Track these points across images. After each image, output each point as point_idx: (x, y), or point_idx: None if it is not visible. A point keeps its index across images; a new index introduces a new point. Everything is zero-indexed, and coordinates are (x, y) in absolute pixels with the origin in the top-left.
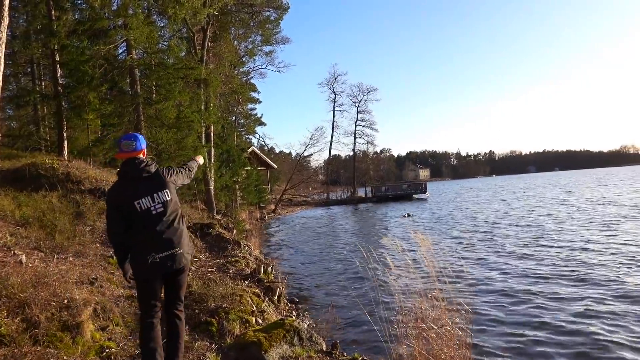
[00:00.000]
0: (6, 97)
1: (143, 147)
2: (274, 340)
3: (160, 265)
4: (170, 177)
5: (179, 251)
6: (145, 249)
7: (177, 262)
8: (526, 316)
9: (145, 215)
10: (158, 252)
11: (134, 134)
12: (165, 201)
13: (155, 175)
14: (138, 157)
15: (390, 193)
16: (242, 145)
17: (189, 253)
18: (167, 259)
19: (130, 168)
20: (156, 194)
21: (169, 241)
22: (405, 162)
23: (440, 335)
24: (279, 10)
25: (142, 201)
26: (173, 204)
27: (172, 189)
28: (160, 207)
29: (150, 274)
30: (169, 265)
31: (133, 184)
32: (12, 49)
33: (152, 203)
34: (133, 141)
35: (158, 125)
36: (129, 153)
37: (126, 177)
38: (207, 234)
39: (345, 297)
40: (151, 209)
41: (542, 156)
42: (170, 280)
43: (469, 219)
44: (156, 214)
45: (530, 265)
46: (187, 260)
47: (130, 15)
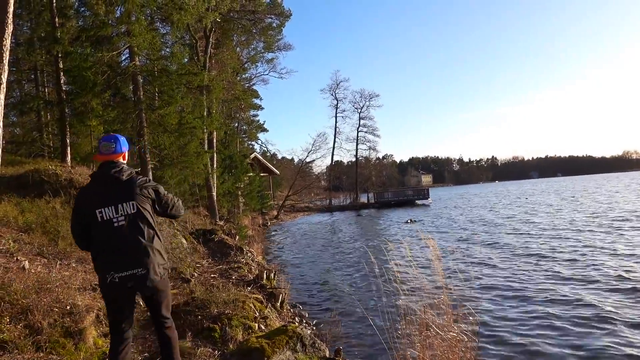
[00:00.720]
0: (10, 104)
1: (124, 149)
2: (276, 346)
3: (119, 286)
4: (144, 190)
5: (142, 272)
6: (104, 265)
7: (140, 284)
8: (535, 323)
9: (106, 226)
10: (117, 270)
11: (115, 135)
12: (129, 214)
13: (126, 183)
14: (116, 161)
15: (393, 199)
16: (244, 151)
17: (158, 274)
18: (127, 279)
19: (103, 171)
20: (120, 205)
21: (131, 259)
22: (408, 168)
23: (445, 341)
24: (281, 17)
25: (105, 211)
26: (140, 219)
27: (142, 202)
28: (122, 219)
29: (109, 294)
30: (129, 287)
31: (99, 190)
32: (16, 55)
33: (115, 214)
34: (113, 143)
35: (161, 131)
36: (107, 155)
37: (96, 181)
38: (209, 239)
39: (349, 303)
40: (113, 221)
41: (544, 162)
42: (147, 300)
43: (473, 224)
44: (117, 227)
45: (540, 270)
46: (155, 282)
47: (133, 22)
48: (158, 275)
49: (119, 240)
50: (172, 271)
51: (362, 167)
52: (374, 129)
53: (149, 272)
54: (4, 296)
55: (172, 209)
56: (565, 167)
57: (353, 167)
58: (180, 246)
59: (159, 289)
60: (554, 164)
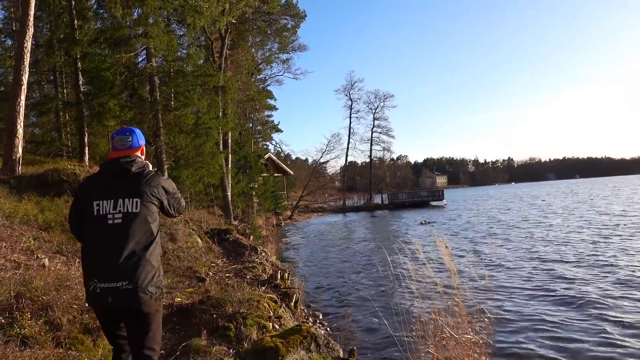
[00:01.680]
0: (30, 104)
1: (141, 143)
2: (291, 346)
3: (99, 298)
4: (154, 189)
5: (127, 286)
6: (89, 270)
7: (121, 300)
8: (552, 327)
9: (100, 222)
10: (101, 279)
11: (130, 128)
12: (129, 212)
13: (134, 176)
14: (132, 155)
15: (407, 200)
16: (258, 151)
17: (148, 293)
18: (108, 292)
19: (110, 162)
20: (122, 200)
21: (117, 268)
22: (422, 169)
23: (460, 343)
24: (296, 18)
25: (103, 204)
26: (141, 221)
27: (148, 202)
28: (119, 218)
29: (93, 306)
30: (109, 302)
31: (103, 181)
32: (36, 57)
33: (112, 210)
34: (129, 136)
35: (177, 131)
36: (123, 151)
37: (100, 172)
38: (224, 239)
39: (363, 303)
40: (107, 217)
41: (561, 163)
42: (127, 321)
43: (488, 226)
44: (112, 226)
45: (558, 272)
46: (142, 301)
47: (151, 24)
48: (147, 294)
49: (109, 242)
50: (187, 270)
51: (376, 168)
52: (388, 130)
53: (137, 288)
54: (25, 293)
55: (177, 210)
56: (584, 168)
57: (367, 167)
58: (196, 245)
59: (145, 311)
60: (571, 166)
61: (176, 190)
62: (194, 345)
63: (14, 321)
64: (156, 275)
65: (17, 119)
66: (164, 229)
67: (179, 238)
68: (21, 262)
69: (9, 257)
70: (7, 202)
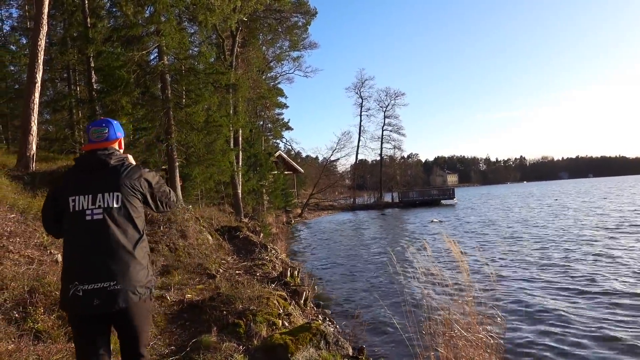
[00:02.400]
0: (44, 102)
1: (119, 135)
2: (300, 343)
3: (82, 302)
4: (135, 181)
5: (116, 287)
6: (69, 272)
7: (109, 302)
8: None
9: (76, 219)
10: (83, 281)
11: (107, 119)
12: (109, 207)
13: (112, 169)
14: (109, 148)
15: (418, 198)
16: (269, 149)
17: (137, 293)
18: (93, 294)
19: (86, 155)
20: (100, 195)
21: (101, 268)
22: (433, 167)
23: (470, 342)
24: (307, 16)
25: (79, 199)
26: (124, 217)
27: (129, 196)
28: (99, 213)
29: (71, 310)
30: (94, 305)
31: (79, 175)
32: (50, 55)
33: (90, 205)
34: (105, 127)
35: (188, 129)
36: (99, 144)
37: (77, 166)
38: (234, 236)
39: (372, 302)
40: (85, 212)
41: (574, 162)
42: (115, 325)
43: (499, 225)
44: (91, 222)
45: (570, 273)
46: (130, 302)
47: (163, 22)
48: (137, 295)
49: (90, 240)
50: (198, 267)
51: (387, 166)
52: (399, 128)
53: (126, 288)
54: (39, 287)
55: (167, 204)
56: (597, 167)
57: (377, 166)
58: (206, 242)
59: (135, 313)
60: (585, 165)
61: (162, 183)
62: (204, 342)
63: (27, 315)
64: (146, 274)
65: (31, 117)
66: (174, 225)
67: (189, 235)
68: (35, 258)
69: (23, 253)
70: (21, 198)
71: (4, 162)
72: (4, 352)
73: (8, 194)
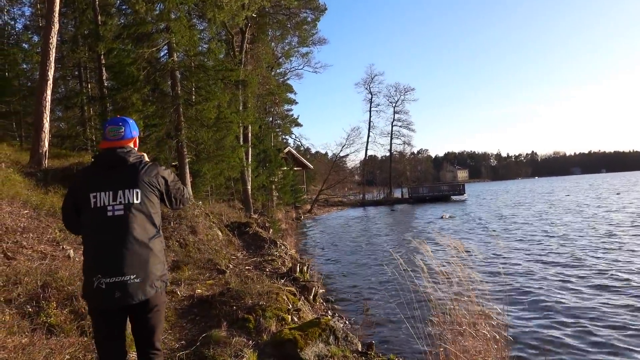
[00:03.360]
0: (55, 99)
1: (134, 134)
2: (309, 338)
3: (105, 294)
4: (153, 178)
5: (135, 280)
6: (91, 265)
7: (129, 294)
8: (570, 322)
9: (98, 215)
10: (105, 274)
11: (123, 118)
12: (130, 203)
13: (131, 167)
14: (125, 146)
15: (427, 194)
16: (278, 145)
17: (155, 287)
18: (114, 287)
19: (104, 153)
20: (121, 191)
21: (122, 262)
22: (443, 163)
23: (478, 337)
24: (316, 12)
25: (100, 196)
26: (144, 212)
27: (148, 192)
28: (120, 209)
29: (94, 303)
30: (116, 297)
31: (99, 172)
32: (61, 53)
33: (112, 201)
34: (121, 126)
35: (198, 125)
36: (115, 142)
37: (97, 162)
38: (244, 232)
39: (381, 298)
40: (107, 209)
41: (587, 157)
42: (133, 318)
43: (509, 221)
44: (112, 218)
45: (578, 270)
46: (150, 292)
47: (173, 19)
48: (154, 288)
49: (111, 235)
50: (208, 262)
51: (397, 162)
52: (408, 123)
53: (145, 281)
54: (51, 282)
55: (181, 201)
56: (611, 162)
57: (387, 161)
58: (216, 238)
59: (154, 305)
60: (597, 160)
61: (177, 180)
62: (214, 336)
63: (40, 310)
64: (162, 268)
65: (44, 114)
66: (185, 221)
67: (199, 231)
68: (47, 253)
69: (36, 248)
70: (34, 195)
71: (17, 159)
72: (18, 346)
73: (21, 191)
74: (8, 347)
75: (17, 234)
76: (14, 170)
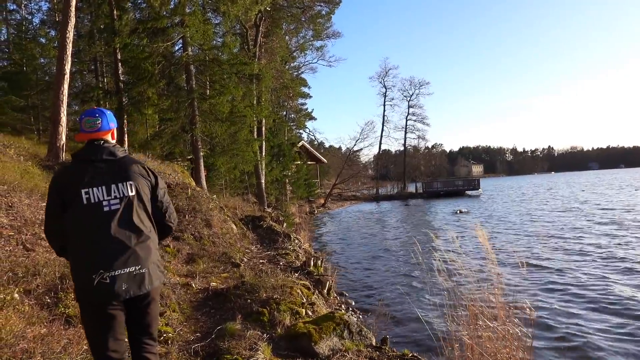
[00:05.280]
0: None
1: (112, 126)
2: (324, 332)
3: (110, 289)
4: (145, 170)
5: (141, 270)
6: (90, 262)
7: (137, 285)
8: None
9: (93, 211)
10: (109, 268)
11: (100, 109)
12: (125, 196)
13: (121, 160)
14: (103, 139)
15: (442, 189)
16: (292, 139)
17: (158, 277)
18: (121, 280)
19: (88, 147)
20: (114, 185)
21: (125, 255)
22: (458, 158)
23: (497, 334)
24: (330, 5)
25: (93, 191)
26: (140, 204)
27: (141, 184)
28: (116, 203)
29: (97, 298)
30: (123, 290)
31: (85, 167)
32: (78, 47)
33: (106, 196)
34: (98, 117)
35: (212, 119)
36: (91, 133)
37: (80, 158)
38: (258, 226)
39: (396, 292)
40: (102, 204)
41: (605, 152)
42: (133, 309)
43: (525, 216)
44: (109, 212)
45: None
46: (154, 283)
47: (188, 13)
48: (157, 279)
49: (110, 229)
50: (223, 256)
51: (411, 157)
52: (423, 118)
53: (149, 272)
54: (69, 274)
55: (168, 212)
56: (630, 158)
57: (401, 156)
58: (231, 231)
59: (154, 297)
60: (616, 155)
61: (164, 186)
62: (229, 329)
63: (58, 301)
64: (160, 259)
65: (61, 108)
66: (199, 214)
67: (214, 224)
68: None
69: None
70: None
71: (35, 152)
72: (37, 336)
73: (40, 183)
74: (28, 337)
75: (36, 226)
76: (33, 163)
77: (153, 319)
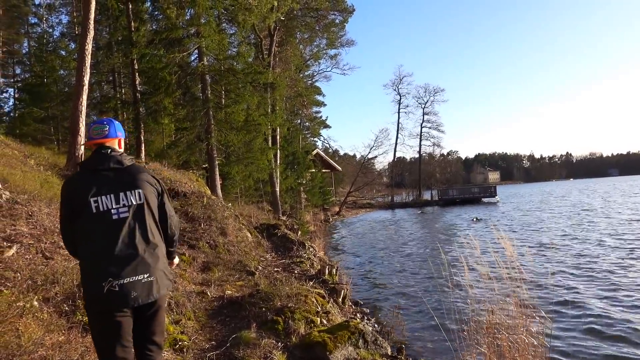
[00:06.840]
0: (91, 104)
1: (119, 135)
2: (338, 341)
3: (120, 296)
4: (152, 178)
5: (150, 278)
6: (99, 270)
7: (146, 293)
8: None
9: (102, 219)
10: (118, 276)
11: (108, 118)
12: (134, 205)
13: (128, 168)
14: (110, 146)
15: (458, 196)
16: (306, 147)
17: (166, 285)
18: (131, 287)
19: (96, 156)
20: (123, 194)
21: (134, 263)
22: (474, 165)
23: (514, 344)
24: (344, 13)
25: (102, 200)
26: (148, 212)
27: (149, 192)
28: (124, 211)
29: (106, 306)
30: (132, 297)
31: (93, 176)
32: (96, 59)
33: (115, 204)
34: (106, 125)
35: (227, 128)
36: (99, 139)
37: (88, 167)
38: (273, 234)
39: (412, 301)
40: (112, 212)
41: (625, 158)
42: (140, 316)
43: (546, 225)
44: (117, 220)
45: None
46: (162, 290)
47: (203, 23)
48: (165, 287)
49: (119, 238)
50: (238, 264)
51: (426, 164)
52: (438, 125)
53: (158, 279)
54: None
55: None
56: None
57: (416, 163)
58: (246, 240)
59: (161, 304)
60: (637, 161)
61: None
62: (244, 338)
63: (76, 309)
64: (167, 267)
65: (80, 118)
66: (215, 223)
67: (229, 232)
68: None
69: None
70: None
71: (54, 162)
72: (55, 343)
73: (59, 192)
74: (46, 344)
75: (55, 234)
76: (52, 173)
77: (159, 326)
